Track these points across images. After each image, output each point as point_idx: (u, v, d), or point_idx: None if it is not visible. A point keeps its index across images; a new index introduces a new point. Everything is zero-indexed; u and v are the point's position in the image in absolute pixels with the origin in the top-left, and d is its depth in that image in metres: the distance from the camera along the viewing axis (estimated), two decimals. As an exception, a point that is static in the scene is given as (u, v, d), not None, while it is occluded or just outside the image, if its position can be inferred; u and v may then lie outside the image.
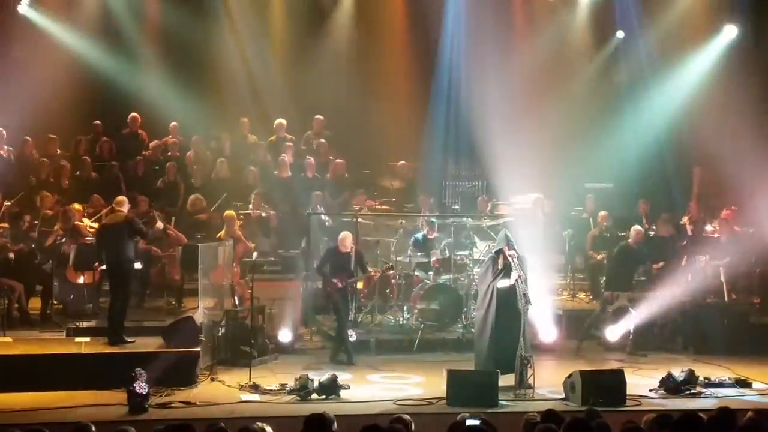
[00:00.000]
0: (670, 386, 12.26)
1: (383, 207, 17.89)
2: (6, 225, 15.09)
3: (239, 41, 19.95)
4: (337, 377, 12.00)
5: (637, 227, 15.08)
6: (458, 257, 15.78)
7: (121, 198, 13.77)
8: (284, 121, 18.95)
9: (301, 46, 20.30)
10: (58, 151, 18.10)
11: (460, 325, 14.94)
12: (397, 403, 11.60)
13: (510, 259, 12.38)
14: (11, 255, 14.46)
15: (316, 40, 20.35)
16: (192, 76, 19.21)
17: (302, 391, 11.76)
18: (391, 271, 15.02)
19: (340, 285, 13.82)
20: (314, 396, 11.75)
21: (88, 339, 12.78)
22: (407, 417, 8.19)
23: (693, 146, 19.80)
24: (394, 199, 18.28)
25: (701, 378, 12.51)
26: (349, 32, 20.31)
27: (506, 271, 12.41)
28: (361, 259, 14.29)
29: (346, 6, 20.51)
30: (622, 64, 21.34)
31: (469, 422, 8.00)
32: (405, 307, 15.13)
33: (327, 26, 20.52)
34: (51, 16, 18.90)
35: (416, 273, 15.47)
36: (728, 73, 19.87)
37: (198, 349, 12.63)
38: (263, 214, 16.88)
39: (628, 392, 11.82)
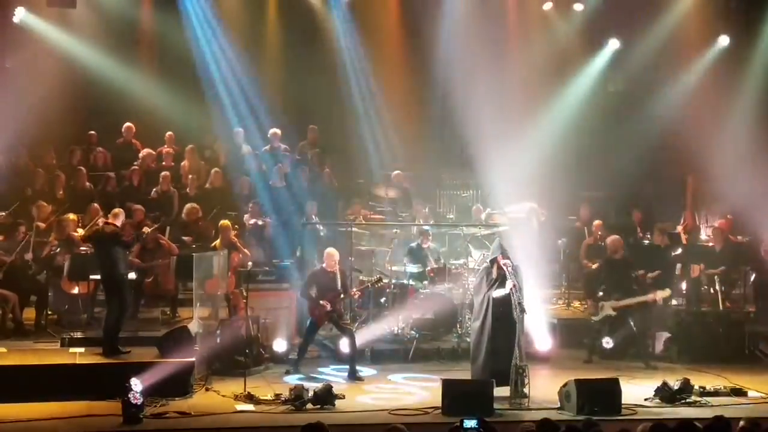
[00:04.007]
0: (665, 395, 12.25)
1: (378, 216, 17.89)
2: (0, 236, 15.06)
3: (234, 51, 19.98)
4: (331, 387, 11.98)
5: (613, 237, 14.94)
6: (453, 266, 15.78)
7: (117, 210, 13.68)
8: (279, 131, 18.96)
9: (296, 56, 20.33)
10: (53, 161, 18.08)
11: (455, 335, 14.93)
12: (392, 412, 11.58)
13: (504, 268, 12.37)
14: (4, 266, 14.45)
15: (311, 49, 20.37)
16: (187, 85, 19.23)
17: (297, 401, 11.73)
18: (382, 282, 14.93)
19: (329, 307, 13.62)
20: (309, 406, 11.72)
21: (82, 349, 12.73)
22: (402, 426, 8.19)
23: (687, 155, 19.84)
24: (388, 208, 18.27)
25: (696, 387, 12.49)
26: (343, 42, 20.34)
27: (501, 280, 12.41)
28: (344, 278, 14.16)
29: (340, 16, 20.54)
30: (616, 73, 21.42)
31: (466, 423, 8.04)
32: (400, 317, 15.11)
33: (321, 36, 20.55)
34: (46, 26, 18.91)
35: (411, 282, 15.47)
36: (722, 82, 19.94)
37: (193, 359, 12.60)
38: (260, 222, 16.87)
39: (623, 401, 11.80)
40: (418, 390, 12.80)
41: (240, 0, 20.34)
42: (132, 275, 14.25)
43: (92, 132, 18.81)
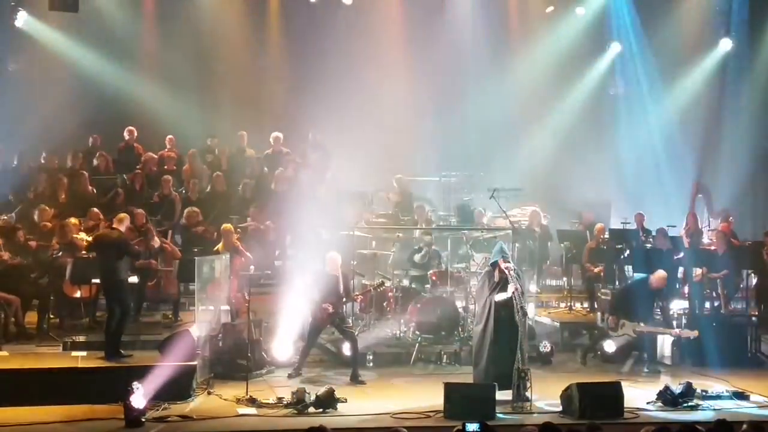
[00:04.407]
0: (667, 399, 12.24)
1: (380, 220, 17.88)
2: (1, 240, 15.05)
3: (237, 55, 20.01)
4: (334, 390, 11.98)
5: (663, 273, 14.49)
6: (455, 270, 15.78)
7: (122, 215, 13.69)
8: (281, 135, 18.97)
9: (298, 60, 20.35)
10: (55, 165, 18.08)
11: (457, 338, 14.92)
12: (394, 416, 11.57)
13: (506, 271, 12.36)
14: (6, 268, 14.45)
15: (313, 53, 20.39)
16: (189, 89, 19.26)
17: (299, 404, 11.74)
18: (384, 286, 14.92)
19: (330, 310, 13.63)
20: (311, 409, 11.73)
21: (84, 353, 12.73)
22: (404, 430, 8.19)
23: (689, 158, 19.85)
24: (391, 212, 18.27)
25: (699, 390, 12.48)
26: (345, 45, 20.35)
27: (503, 284, 12.40)
28: (347, 282, 14.12)
29: (342, 19, 20.56)
30: (618, 77, 21.43)
31: (469, 427, 8.05)
32: (402, 320, 15.10)
33: (324, 40, 20.56)
34: (48, 30, 18.94)
35: (413, 286, 15.46)
36: (724, 85, 19.96)
37: (195, 362, 12.60)
38: (261, 227, 16.86)
39: (625, 405, 11.79)
40: (420, 393, 12.78)
41: (242, 3, 20.38)
42: (133, 279, 14.25)
43: (95, 135, 18.82)
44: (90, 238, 14.51)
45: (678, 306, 15.92)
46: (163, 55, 19.79)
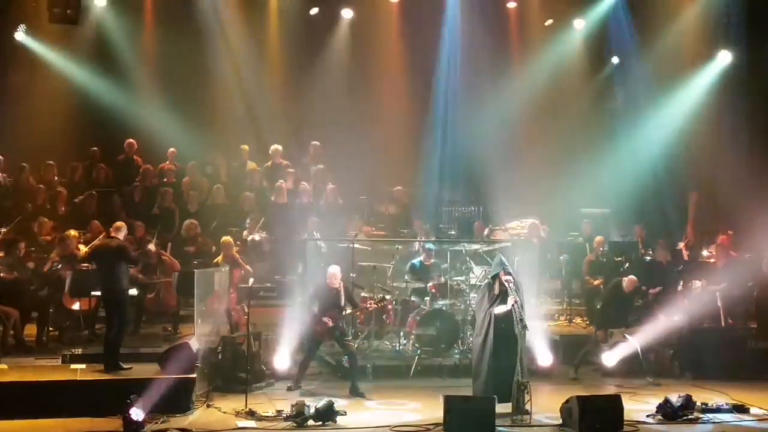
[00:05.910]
0: (667, 412, 12.21)
1: (379, 232, 17.88)
2: (1, 253, 15.04)
3: (236, 68, 20.05)
4: (333, 403, 11.96)
5: (633, 278, 14.78)
6: (455, 283, 15.77)
7: (119, 224, 13.69)
8: (280, 147, 19.00)
9: (298, 73, 20.39)
10: (55, 178, 18.09)
11: (456, 351, 14.90)
12: (393, 429, 11.57)
13: (506, 284, 12.37)
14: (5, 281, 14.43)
15: (313, 67, 20.44)
16: (189, 102, 19.29)
17: (299, 417, 11.72)
18: (385, 300, 14.90)
19: (330, 324, 13.61)
20: (311, 422, 11.70)
21: (83, 366, 12.72)
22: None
23: (689, 171, 19.85)
24: (390, 225, 18.27)
25: (699, 403, 12.45)
26: (345, 59, 20.42)
27: (502, 296, 12.40)
28: (350, 294, 14.14)
29: (342, 34, 20.63)
30: (617, 90, 21.47)
31: None
32: (401, 333, 15.09)
33: (323, 54, 20.62)
34: (48, 44, 18.98)
35: (413, 298, 15.45)
36: (723, 98, 19.97)
37: (194, 375, 12.59)
38: (257, 238, 16.86)
39: (625, 418, 11.76)
40: (419, 406, 12.76)
41: (242, 17, 20.42)
42: (133, 291, 14.25)
43: (95, 148, 18.83)
44: (88, 249, 14.51)
45: (678, 319, 15.91)
46: (163, 68, 19.81)
